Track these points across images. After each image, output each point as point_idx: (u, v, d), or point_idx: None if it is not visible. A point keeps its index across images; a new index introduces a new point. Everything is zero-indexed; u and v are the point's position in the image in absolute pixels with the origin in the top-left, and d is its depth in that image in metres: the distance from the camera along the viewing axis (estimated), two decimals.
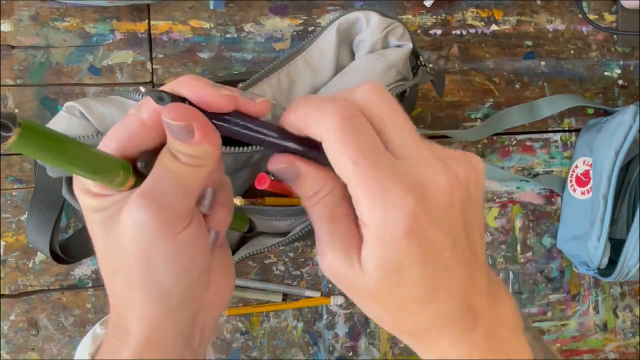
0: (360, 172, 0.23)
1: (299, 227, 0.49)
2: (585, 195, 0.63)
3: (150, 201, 0.25)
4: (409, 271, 0.24)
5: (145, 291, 0.26)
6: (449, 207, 0.24)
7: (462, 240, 0.25)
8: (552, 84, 0.67)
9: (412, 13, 0.63)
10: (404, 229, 0.23)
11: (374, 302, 0.26)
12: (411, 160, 0.24)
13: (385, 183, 0.23)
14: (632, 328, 0.70)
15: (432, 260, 0.24)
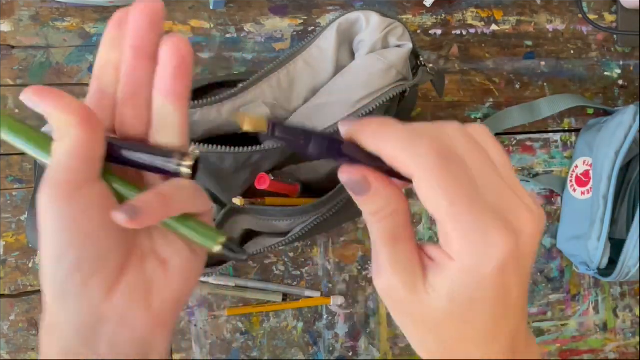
0: (456, 211, 0.23)
1: (299, 227, 0.49)
2: (585, 195, 0.63)
3: (45, 182, 0.25)
4: (481, 309, 0.24)
5: (43, 278, 0.25)
6: (530, 254, 0.24)
7: (526, 286, 0.25)
8: (552, 84, 0.67)
9: (412, 13, 0.63)
10: (495, 268, 0.23)
11: (430, 331, 0.25)
12: (506, 202, 0.24)
13: (483, 222, 0.23)
14: (632, 328, 0.70)
15: (504, 303, 0.24)
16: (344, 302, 0.63)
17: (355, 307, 0.63)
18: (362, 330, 0.64)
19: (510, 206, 0.24)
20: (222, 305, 0.61)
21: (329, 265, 0.62)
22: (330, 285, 0.63)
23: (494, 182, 0.24)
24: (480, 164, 0.24)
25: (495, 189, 0.24)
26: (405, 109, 0.55)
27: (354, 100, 0.45)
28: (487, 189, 0.24)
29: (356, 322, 0.64)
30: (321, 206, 0.48)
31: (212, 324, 0.61)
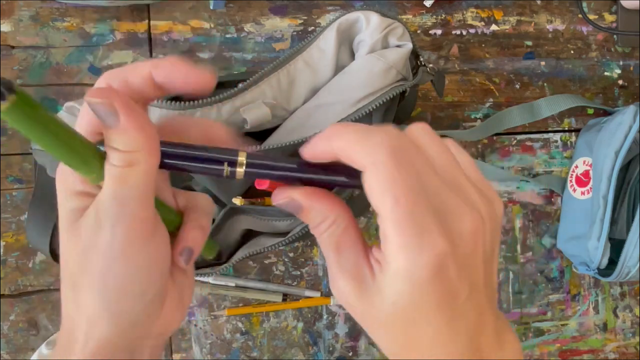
0: (399, 211, 0.23)
1: (299, 227, 0.49)
2: (585, 195, 0.63)
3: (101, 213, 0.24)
4: (425, 312, 0.24)
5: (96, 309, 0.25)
6: (473, 253, 0.24)
7: (480, 284, 0.25)
8: (552, 84, 0.67)
9: (412, 13, 0.63)
10: (431, 273, 0.23)
11: (385, 334, 0.26)
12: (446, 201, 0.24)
13: (421, 223, 0.23)
14: (632, 328, 0.70)
15: (449, 305, 0.24)
16: None
17: None
18: (362, 330, 0.64)
19: (450, 207, 0.24)
20: (222, 305, 0.61)
21: None
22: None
23: (435, 183, 0.24)
24: (422, 165, 0.24)
25: (436, 189, 0.24)
26: (405, 109, 0.55)
27: (354, 100, 0.45)
28: (429, 190, 0.24)
29: (356, 322, 0.64)
30: None
31: (212, 324, 0.61)
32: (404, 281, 0.23)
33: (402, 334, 0.25)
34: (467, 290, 0.24)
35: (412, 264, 0.23)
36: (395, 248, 0.23)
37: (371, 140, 0.24)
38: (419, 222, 0.23)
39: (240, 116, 0.44)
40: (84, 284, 0.25)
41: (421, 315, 0.24)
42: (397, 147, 0.24)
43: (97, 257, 0.24)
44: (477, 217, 0.24)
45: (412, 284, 0.23)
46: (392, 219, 0.23)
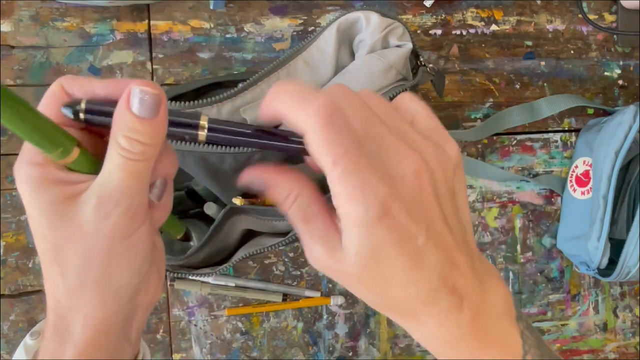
0: (338, 169, 0.24)
1: None
2: (585, 195, 0.63)
3: (108, 204, 0.25)
4: (386, 254, 0.25)
5: (98, 291, 0.26)
6: (420, 193, 0.25)
7: (438, 224, 0.26)
8: (552, 84, 0.67)
9: (412, 13, 0.63)
10: (377, 215, 0.24)
11: (359, 284, 0.27)
12: (386, 151, 0.25)
13: (361, 176, 0.24)
14: (632, 328, 0.70)
15: (407, 244, 0.25)
16: (344, 302, 0.63)
17: (355, 307, 0.63)
18: (362, 330, 0.64)
19: (390, 153, 0.25)
20: (222, 305, 0.61)
21: None
22: (330, 285, 0.63)
23: (376, 131, 0.26)
24: (363, 119, 0.26)
25: (378, 139, 0.25)
26: None
27: None
28: (370, 143, 0.25)
29: (356, 322, 0.64)
30: None
31: (212, 324, 0.61)
32: (357, 230, 0.25)
33: (374, 282, 0.26)
34: (424, 230, 0.25)
35: (360, 213, 0.24)
36: (343, 202, 0.25)
37: (307, 107, 0.25)
38: (358, 176, 0.24)
39: (240, 116, 0.44)
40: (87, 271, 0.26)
41: (384, 260, 0.25)
42: (332, 109, 0.25)
43: (100, 242, 0.25)
44: (417, 158, 0.25)
45: (365, 231, 0.25)
46: (334, 178, 0.25)
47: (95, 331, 0.27)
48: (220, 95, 0.44)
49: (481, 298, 0.28)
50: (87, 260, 0.26)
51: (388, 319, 0.64)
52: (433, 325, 0.27)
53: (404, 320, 0.28)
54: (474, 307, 0.27)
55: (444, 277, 0.26)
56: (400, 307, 0.27)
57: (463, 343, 0.27)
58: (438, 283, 0.26)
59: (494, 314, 0.28)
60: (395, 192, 0.25)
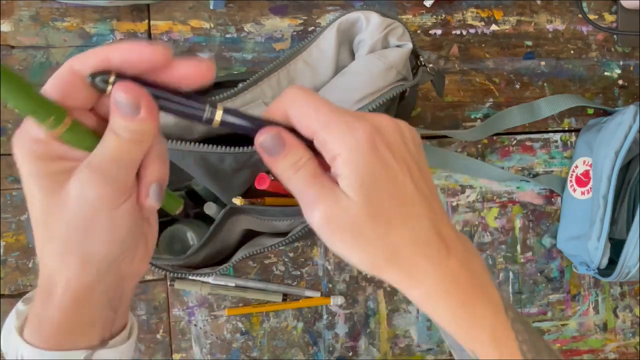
0: (322, 114, 0.28)
1: (299, 227, 0.49)
2: (585, 195, 0.63)
3: (96, 175, 0.27)
4: (383, 186, 0.28)
5: (79, 256, 0.28)
6: (397, 142, 0.29)
7: (416, 175, 0.29)
8: (552, 84, 0.67)
9: (412, 13, 0.63)
10: (368, 143, 0.27)
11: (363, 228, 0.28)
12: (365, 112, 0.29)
13: (344, 117, 0.28)
14: (632, 328, 0.70)
15: (398, 183, 0.28)
16: (344, 302, 0.63)
17: (355, 307, 0.63)
18: (362, 330, 0.64)
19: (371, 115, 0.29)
20: (222, 305, 0.61)
21: (329, 265, 0.62)
22: (330, 285, 0.63)
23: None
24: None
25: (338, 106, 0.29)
26: (405, 109, 0.55)
27: (354, 100, 0.45)
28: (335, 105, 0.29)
29: (356, 322, 0.64)
30: None
31: (212, 324, 0.61)
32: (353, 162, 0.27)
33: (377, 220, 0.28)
34: (408, 176, 0.29)
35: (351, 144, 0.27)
36: (334, 142, 0.27)
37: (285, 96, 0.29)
38: (341, 116, 0.28)
39: None
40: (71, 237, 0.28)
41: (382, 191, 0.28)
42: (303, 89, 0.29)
43: (85, 210, 0.27)
44: (394, 121, 0.29)
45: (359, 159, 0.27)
46: (321, 126, 0.28)
47: (75, 296, 0.29)
48: (220, 95, 0.44)
49: (462, 249, 0.30)
50: (71, 227, 0.27)
51: (388, 319, 0.64)
52: (426, 269, 0.29)
53: (401, 273, 0.29)
54: (459, 256, 0.29)
55: (432, 222, 0.29)
56: (400, 255, 0.28)
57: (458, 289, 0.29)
58: (429, 226, 0.29)
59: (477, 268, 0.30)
60: (377, 131, 0.28)
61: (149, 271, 0.59)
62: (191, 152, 0.42)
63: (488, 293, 0.30)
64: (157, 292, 0.60)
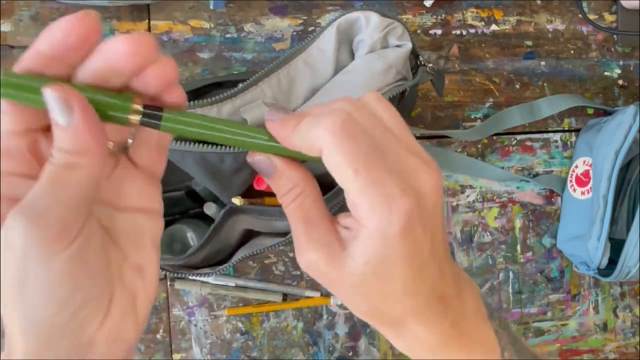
0: (360, 180, 0.24)
1: None
2: (585, 195, 0.63)
3: (23, 214, 0.22)
4: (394, 266, 0.25)
5: (20, 318, 0.23)
6: (434, 209, 0.26)
7: (439, 237, 0.27)
8: (552, 84, 0.67)
9: (412, 13, 0.63)
10: (400, 229, 0.25)
11: (356, 294, 0.27)
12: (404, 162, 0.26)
13: (384, 188, 0.25)
14: (632, 328, 0.70)
15: (415, 257, 0.26)
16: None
17: None
18: (362, 330, 0.64)
19: (409, 167, 0.26)
20: (222, 305, 0.61)
21: None
22: None
23: (392, 146, 0.26)
24: (378, 131, 0.26)
25: (394, 153, 0.26)
26: (405, 108, 0.55)
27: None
28: (387, 154, 0.25)
29: (356, 322, 0.64)
30: None
31: (212, 324, 0.61)
32: (374, 241, 0.25)
33: (372, 291, 0.26)
34: (430, 244, 0.26)
35: (382, 224, 0.25)
36: (366, 213, 0.25)
37: (322, 124, 0.25)
38: (382, 185, 0.25)
39: (240, 116, 0.44)
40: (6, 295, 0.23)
41: (391, 270, 0.26)
42: (347, 122, 0.25)
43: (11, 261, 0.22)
44: (435, 174, 0.26)
45: (382, 242, 0.25)
46: (356, 189, 0.25)
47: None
48: (221, 95, 0.44)
49: (459, 303, 0.29)
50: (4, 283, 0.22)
51: None
52: (420, 333, 0.28)
53: (389, 329, 0.29)
54: (455, 313, 0.28)
55: (435, 287, 0.27)
56: (390, 317, 0.28)
57: (446, 348, 0.28)
58: (431, 295, 0.27)
59: (470, 316, 0.29)
60: (417, 207, 0.25)
61: None
62: (191, 152, 0.42)
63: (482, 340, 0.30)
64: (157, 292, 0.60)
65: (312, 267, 0.27)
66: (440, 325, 0.28)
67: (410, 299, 0.27)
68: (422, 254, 0.26)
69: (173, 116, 0.25)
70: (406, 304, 0.27)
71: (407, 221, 0.25)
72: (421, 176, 0.26)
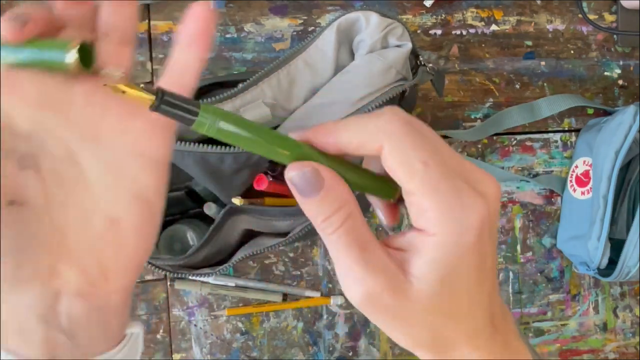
0: (430, 174, 0.22)
1: (299, 228, 0.49)
2: (585, 195, 0.63)
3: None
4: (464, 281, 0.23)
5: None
6: (497, 216, 0.24)
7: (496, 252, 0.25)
8: (552, 84, 0.67)
9: (412, 13, 0.63)
10: (476, 236, 0.22)
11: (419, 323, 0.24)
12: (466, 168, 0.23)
13: (456, 187, 0.22)
14: (632, 328, 0.70)
15: (480, 270, 0.23)
16: (344, 302, 0.63)
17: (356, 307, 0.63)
18: (362, 330, 0.64)
19: (471, 171, 0.23)
20: (222, 305, 0.61)
21: (329, 265, 0.62)
22: (330, 285, 0.63)
23: (446, 148, 0.23)
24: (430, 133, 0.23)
25: (451, 155, 0.23)
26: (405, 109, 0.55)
27: (354, 100, 0.45)
28: (446, 156, 0.23)
29: (356, 322, 0.64)
30: None
31: (212, 324, 0.61)
32: (450, 250, 0.22)
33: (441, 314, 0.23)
34: (492, 253, 0.23)
35: (459, 229, 0.22)
36: (437, 216, 0.22)
37: (380, 120, 0.23)
38: (454, 183, 0.22)
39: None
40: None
41: (460, 287, 0.23)
42: (407, 116, 0.23)
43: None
44: (494, 179, 0.24)
45: (458, 251, 0.22)
46: (426, 186, 0.22)
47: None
48: (220, 95, 0.44)
49: (504, 324, 0.26)
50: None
51: None
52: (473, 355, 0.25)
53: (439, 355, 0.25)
54: (502, 335, 0.26)
55: (490, 309, 0.25)
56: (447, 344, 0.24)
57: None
58: (486, 316, 0.24)
59: (513, 334, 0.27)
60: (490, 214, 0.22)
61: (149, 271, 0.59)
62: (191, 152, 0.42)
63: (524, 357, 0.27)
64: (157, 292, 0.60)
65: (374, 301, 0.23)
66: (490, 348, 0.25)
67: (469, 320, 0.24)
68: (485, 266, 0.23)
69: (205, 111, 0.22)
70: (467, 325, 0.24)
71: (481, 227, 0.22)
72: (484, 180, 0.23)
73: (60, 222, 0.23)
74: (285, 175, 0.23)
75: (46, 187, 0.23)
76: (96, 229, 0.24)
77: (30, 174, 0.23)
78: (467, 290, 0.23)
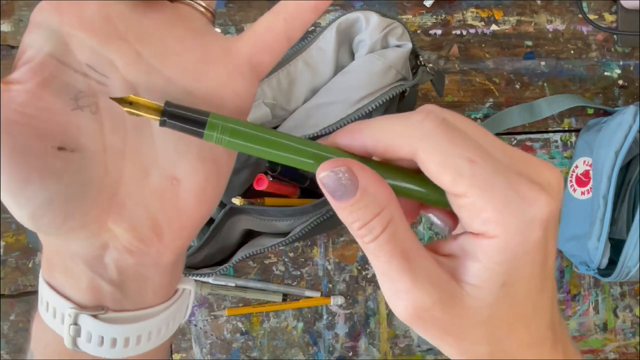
0: (479, 171, 0.19)
1: (299, 228, 0.49)
2: (585, 195, 0.63)
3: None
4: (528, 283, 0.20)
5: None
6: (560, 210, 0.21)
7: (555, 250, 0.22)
8: (552, 84, 0.67)
9: (412, 13, 0.63)
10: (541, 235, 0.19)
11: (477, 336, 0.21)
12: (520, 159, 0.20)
13: (512, 179, 0.19)
14: (632, 328, 0.70)
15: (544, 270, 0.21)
16: (344, 302, 0.63)
17: (355, 307, 0.63)
18: (362, 330, 0.64)
19: (527, 161, 0.20)
20: (222, 305, 0.61)
21: (329, 265, 0.62)
22: (330, 285, 0.63)
23: (491, 139, 0.21)
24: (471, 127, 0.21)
25: (503, 148, 0.20)
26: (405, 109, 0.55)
27: (354, 100, 0.45)
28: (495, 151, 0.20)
29: (356, 322, 0.64)
30: (321, 206, 0.48)
31: (212, 324, 0.61)
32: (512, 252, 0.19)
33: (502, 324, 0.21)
34: (554, 251, 0.21)
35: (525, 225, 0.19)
36: (497, 215, 0.19)
37: (410, 119, 0.20)
38: (509, 178, 0.19)
39: None
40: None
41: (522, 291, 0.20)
42: (441, 116, 0.20)
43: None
44: (554, 167, 0.21)
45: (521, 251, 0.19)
46: (478, 185, 0.19)
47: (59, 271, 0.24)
48: None
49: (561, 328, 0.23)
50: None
51: (388, 319, 0.64)
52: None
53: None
54: (562, 342, 0.23)
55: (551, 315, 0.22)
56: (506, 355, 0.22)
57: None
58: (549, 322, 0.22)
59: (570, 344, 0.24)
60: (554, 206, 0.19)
61: None
62: None
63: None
64: None
65: (424, 316, 0.20)
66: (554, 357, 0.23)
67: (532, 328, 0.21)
68: (547, 265, 0.20)
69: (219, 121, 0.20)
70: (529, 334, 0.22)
71: (547, 222, 0.19)
72: (543, 170, 0.20)
73: (115, 175, 0.21)
74: (317, 177, 0.20)
75: (103, 132, 0.20)
76: (154, 185, 0.22)
77: (86, 115, 0.20)
78: (530, 295, 0.21)
